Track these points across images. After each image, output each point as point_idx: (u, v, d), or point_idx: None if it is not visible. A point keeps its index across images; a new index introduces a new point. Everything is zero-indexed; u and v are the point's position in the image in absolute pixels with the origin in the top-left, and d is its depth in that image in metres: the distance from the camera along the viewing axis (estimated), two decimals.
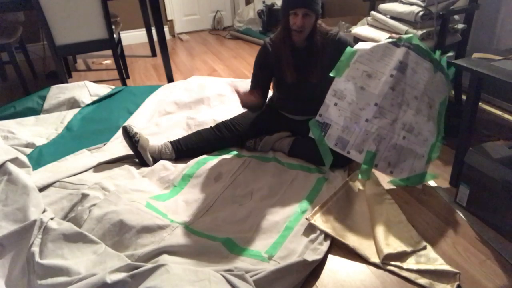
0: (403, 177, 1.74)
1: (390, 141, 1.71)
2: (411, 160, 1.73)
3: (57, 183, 1.89)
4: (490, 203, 1.58)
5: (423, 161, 1.74)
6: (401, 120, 1.72)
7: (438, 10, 2.13)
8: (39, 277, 1.36)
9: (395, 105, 1.72)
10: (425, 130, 1.74)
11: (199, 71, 3.48)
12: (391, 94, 1.72)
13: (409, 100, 1.73)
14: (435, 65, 1.79)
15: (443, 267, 1.39)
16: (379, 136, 1.71)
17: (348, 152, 1.74)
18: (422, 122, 1.74)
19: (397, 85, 1.72)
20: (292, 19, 1.79)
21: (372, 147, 1.71)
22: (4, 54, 2.89)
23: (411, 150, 1.73)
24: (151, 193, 1.82)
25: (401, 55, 1.74)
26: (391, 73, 1.73)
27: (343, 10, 3.86)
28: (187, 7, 4.58)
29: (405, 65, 1.74)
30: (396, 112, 1.72)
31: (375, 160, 1.72)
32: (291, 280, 1.35)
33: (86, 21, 2.70)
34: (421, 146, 1.73)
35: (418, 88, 1.74)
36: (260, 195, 1.78)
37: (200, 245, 1.51)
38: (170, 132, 2.35)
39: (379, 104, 1.71)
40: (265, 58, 1.94)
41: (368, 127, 1.72)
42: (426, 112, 1.75)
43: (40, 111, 2.61)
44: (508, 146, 1.62)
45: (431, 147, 1.75)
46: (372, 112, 1.72)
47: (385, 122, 1.72)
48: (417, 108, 1.73)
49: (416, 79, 1.75)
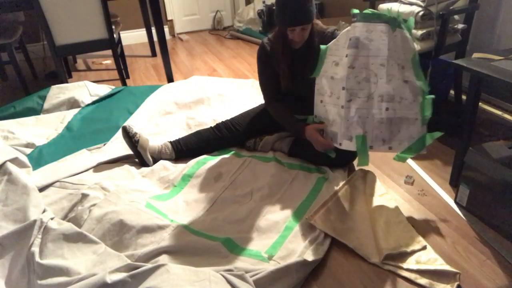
0: (403, 148, 1.65)
1: (374, 118, 1.64)
2: (406, 128, 1.64)
3: (57, 183, 1.89)
4: (490, 203, 1.58)
5: (418, 124, 1.64)
6: (376, 93, 1.65)
7: (438, 10, 2.13)
8: (39, 277, 1.36)
9: (362, 82, 1.65)
10: (406, 93, 1.64)
11: (199, 71, 3.48)
12: (353, 73, 1.65)
13: (375, 70, 1.65)
14: (391, 24, 1.66)
15: (443, 267, 1.39)
16: (361, 117, 1.65)
17: (340, 144, 1.69)
18: (400, 86, 1.64)
19: (355, 62, 1.64)
20: (290, 33, 1.78)
21: (358, 130, 1.65)
22: (4, 54, 2.89)
23: (401, 118, 1.64)
24: (151, 193, 1.82)
25: (350, 31, 1.67)
26: (346, 53, 1.67)
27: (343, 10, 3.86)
28: (187, 7, 4.58)
29: (356, 38, 1.65)
30: (367, 87, 1.65)
31: (368, 142, 1.64)
32: (291, 280, 1.35)
33: (86, 21, 2.70)
34: (410, 110, 1.64)
35: (381, 54, 1.65)
36: (260, 195, 1.78)
37: (200, 245, 1.51)
38: (170, 132, 2.35)
39: (345, 86, 1.65)
40: (266, 57, 1.94)
41: (346, 112, 1.66)
42: (400, 75, 1.65)
43: (40, 111, 2.61)
44: (508, 146, 1.62)
45: (420, 106, 1.64)
46: (343, 97, 1.66)
47: (360, 102, 1.65)
48: (388, 74, 1.65)
49: (375, 46, 1.65)
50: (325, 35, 1.88)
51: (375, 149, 1.65)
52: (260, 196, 1.77)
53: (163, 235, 1.54)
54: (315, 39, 1.86)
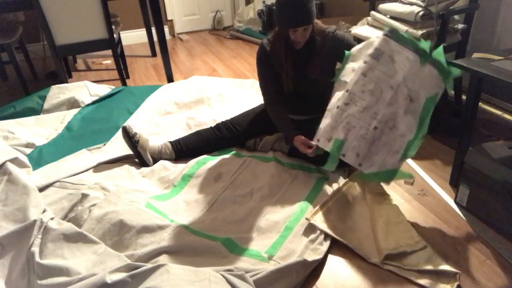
0: (372, 171, 1.58)
1: (360, 130, 1.60)
2: (383, 155, 1.58)
3: (57, 183, 1.89)
4: (490, 203, 1.58)
5: (397, 157, 1.59)
6: (372, 108, 1.61)
7: (438, 10, 2.13)
8: (39, 277, 1.36)
9: (366, 92, 1.62)
10: (401, 124, 1.59)
11: (199, 71, 3.48)
12: (362, 80, 1.62)
13: (383, 88, 1.62)
14: (422, 56, 1.66)
15: (443, 267, 1.39)
16: (349, 124, 1.61)
17: (318, 140, 1.65)
18: (398, 116, 1.60)
19: (369, 72, 1.62)
20: (292, 34, 1.78)
21: (340, 135, 1.61)
22: (4, 54, 2.89)
23: (385, 143, 1.60)
24: (151, 193, 1.82)
25: (378, 42, 1.65)
26: (365, 59, 1.65)
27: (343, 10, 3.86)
28: (187, 7, 4.58)
29: (381, 52, 1.64)
30: (368, 99, 1.61)
31: (343, 149, 1.60)
32: (291, 280, 1.35)
33: (86, 21, 2.70)
34: (396, 141, 1.60)
35: (395, 77, 1.62)
36: (260, 195, 1.78)
37: (200, 245, 1.51)
38: (170, 132, 2.35)
39: (350, 90, 1.62)
40: (266, 58, 1.93)
41: (339, 114, 1.63)
42: (404, 104, 1.61)
43: (40, 111, 2.61)
44: (508, 146, 1.62)
45: (407, 143, 1.59)
46: (343, 98, 1.63)
47: (355, 109, 1.61)
48: (393, 98, 1.62)
49: (394, 68, 1.63)
50: (326, 34, 1.88)
51: (346, 158, 1.60)
52: (260, 196, 1.77)
53: (163, 235, 1.54)
54: (317, 38, 1.86)
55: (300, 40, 1.80)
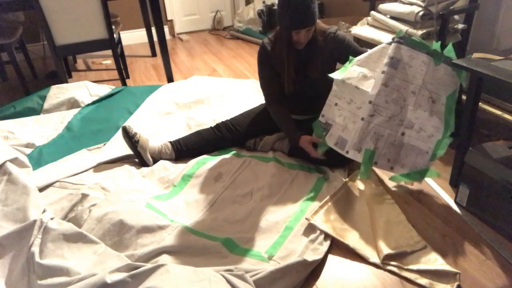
0: (403, 173, 1.70)
1: (388, 138, 1.69)
2: (413, 156, 1.68)
3: (57, 183, 1.90)
4: (490, 203, 1.58)
5: (427, 157, 1.69)
6: (398, 116, 1.70)
7: (438, 10, 2.13)
8: (39, 277, 1.36)
9: (390, 102, 1.70)
10: (428, 125, 1.69)
11: (199, 71, 3.48)
12: (384, 91, 1.70)
13: (405, 95, 1.70)
14: (435, 57, 1.73)
15: (443, 267, 1.39)
16: (377, 134, 1.69)
17: (347, 152, 1.73)
18: (424, 118, 1.69)
19: (390, 81, 1.70)
20: (295, 35, 1.78)
21: (370, 145, 1.69)
22: (4, 54, 2.89)
23: (413, 146, 1.69)
24: (151, 193, 1.82)
25: (392, 51, 1.73)
26: (382, 69, 1.72)
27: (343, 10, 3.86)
28: (187, 7, 4.58)
29: (397, 60, 1.72)
30: (392, 108, 1.70)
31: (374, 158, 1.69)
32: (291, 280, 1.35)
33: (86, 21, 2.70)
34: (425, 142, 1.68)
35: (415, 82, 1.71)
36: (260, 195, 1.78)
37: (200, 245, 1.51)
38: (170, 132, 2.35)
39: (373, 102, 1.70)
40: (267, 58, 1.93)
41: (365, 126, 1.70)
42: (428, 107, 1.70)
43: (40, 111, 2.61)
44: (508, 146, 1.62)
45: (437, 143, 1.68)
46: (367, 110, 1.70)
47: (381, 119, 1.70)
48: (416, 103, 1.70)
49: (412, 73, 1.71)
50: (328, 34, 1.88)
51: (378, 165, 1.70)
52: (260, 196, 1.77)
53: (163, 235, 1.54)
54: (318, 38, 1.86)
55: (303, 40, 1.80)
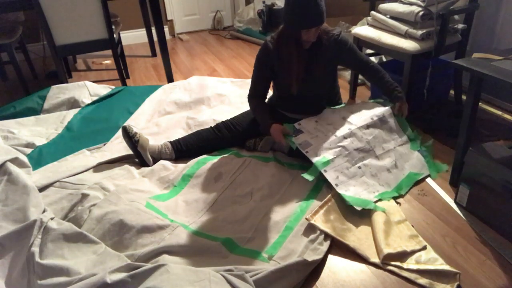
0: (345, 195, 1.68)
1: (346, 163, 1.78)
2: (360, 189, 1.73)
3: (57, 183, 1.89)
4: (490, 203, 1.58)
5: (372, 196, 1.72)
6: (363, 152, 1.83)
7: (438, 10, 2.13)
8: (39, 277, 1.36)
9: (364, 140, 1.85)
10: (382, 176, 1.80)
11: (199, 71, 3.48)
12: (364, 129, 1.88)
13: (376, 145, 1.87)
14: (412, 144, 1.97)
15: (443, 267, 1.39)
16: (340, 152, 1.79)
17: (307, 152, 1.81)
18: (382, 170, 1.82)
19: (371, 127, 1.90)
20: (304, 34, 1.78)
21: (329, 156, 1.78)
22: (4, 54, 2.89)
23: (364, 182, 1.75)
24: (151, 193, 1.82)
25: (387, 112, 1.95)
26: (372, 116, 1.92)
27: (343, 10, 3.86)
28: (187, 7, 4.57)
29: (386, 121, 1.94)
30: (363, 145, 1.84)
31: (327, 167, 1.75)
32: (291, 280, 1.35)
33: (86, 21, 2.70)
34: (372, 186, 1.76)
35: (388, 144, 1.90)
36: (260, 195, 1.78)
37: (200, 245, 1.51)
38: (170, 132, 2.35)
39: (352, 130, 1.86)
40: (267, 57, 1.93)
41: (334, 140, 1.82)
42: (390, 166, 1.84)
43: (40, 111, 2.61)
44: (508, 146, 1.62)
45: (382, 193, 1.74)
46: (343, 131, 1.85)
47: (350, 145, 1.82)
48: (380, 156, 1.85)
49: (390, 137, 1.93)
50: (331, 35, 1.89)
51: (327, 174, 1.74)
52: (260, 196, 1.77)
53: (163, 235, 1.54)
54: (323, 37, 1.87)
55: (312, 39, 1.81)
